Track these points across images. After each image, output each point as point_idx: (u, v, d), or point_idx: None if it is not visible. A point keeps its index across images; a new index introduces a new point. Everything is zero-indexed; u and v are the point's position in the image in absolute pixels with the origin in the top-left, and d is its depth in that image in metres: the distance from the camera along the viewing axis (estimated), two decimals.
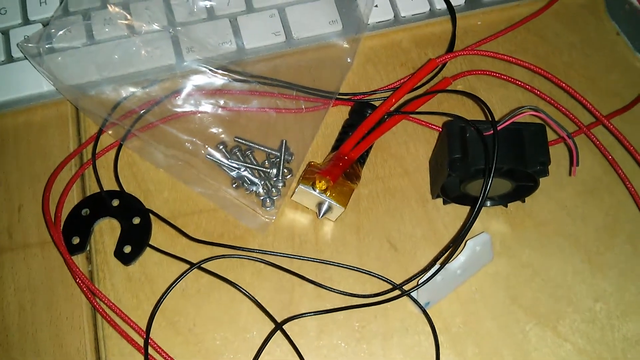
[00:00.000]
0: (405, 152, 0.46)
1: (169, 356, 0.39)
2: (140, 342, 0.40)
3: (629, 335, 0.41)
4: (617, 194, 0.45)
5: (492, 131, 0.39)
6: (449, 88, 0.46)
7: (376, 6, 0.50)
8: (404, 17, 0.50)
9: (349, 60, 0.48)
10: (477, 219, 0.42)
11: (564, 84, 0.43)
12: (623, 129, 0.44)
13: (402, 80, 0.48)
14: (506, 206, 0.44)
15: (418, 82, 0.45)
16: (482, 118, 0.47)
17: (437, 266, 0.40)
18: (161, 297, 0.40)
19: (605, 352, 0.41)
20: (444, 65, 0.48)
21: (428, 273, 0.40)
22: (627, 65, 0.51)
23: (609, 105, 0.48)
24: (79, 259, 0.42)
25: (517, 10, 0.52)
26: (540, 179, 0.41)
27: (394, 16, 0.50)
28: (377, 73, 0.49)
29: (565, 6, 0.53)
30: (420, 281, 0.40)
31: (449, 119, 0.42)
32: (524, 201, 0.44)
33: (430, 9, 0.50)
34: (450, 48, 0.49)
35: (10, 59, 0.46)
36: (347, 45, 0.48)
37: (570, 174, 0.44)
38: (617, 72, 0.50)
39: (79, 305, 0.41)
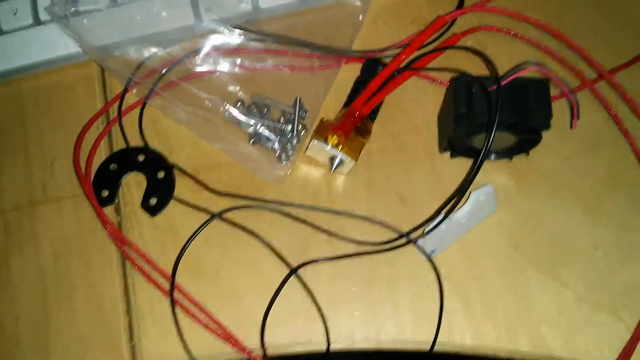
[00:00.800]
0: (415, 107, 0.48)
1: (193, 299, 0.43)
2: (167, 287, 0.43)
3: (627, 281, 0.44)
4: (619, 147, 0.46)
5: (495, 86, 0.41)
6: (457, 44, 0.47)
7: None
8: None
9: (360, 18, 0.50)
10: (482, 171, 0.44)
11: (567, 39, 0.45)
12: (630, 83, 0.45)
13: (411, 37, 0.49)
14: (511, 159, 0.46)
15: (427, 39, 0.47)
16: (489, 74, 0.48)
17: (441, 215, 0.42)
18: (185, 245, 0.44)
19: (604, 297, 0.43)
20: (453, 21, 0.49)
21: (433, 222, 0.42)
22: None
23: (618, 60, 0.48)
24: (108, 211, 0.46)
25: None
26: (544, 133, 0.43)
27: None
28: (388, 30, 0.50)
29: None
30: (426, 230, 0.42)
31: (456, 75, 0.44)
32: (528, 154, 0.46)
33: None
34: (460, 4, 0.50)
35: (38, 22, 0.49)
36: (359, 3, 0.50)
37: (571, 127, 0.45)
38: (629, 27, 0.51)
39: (110, 253, 0.45)
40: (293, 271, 0.43)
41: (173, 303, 0.42)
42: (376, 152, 0.47)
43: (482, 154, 0.39)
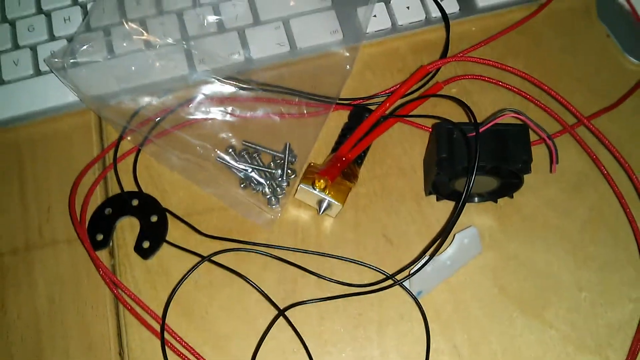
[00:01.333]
0: (401, 152, 0.49)
1: (183, 340, 0.43)
2: (158, 328, 0.44)
3: (612, 323, 0.44)
4: (601, 190, 0.48)
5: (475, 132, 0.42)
6: (441, 92, 0.49)
7: (375, 16, 0.53)
8: (401, 25, 0.53)
9: (348, 68, 0.52)
10: (468, 214, 0.46)
11: (546, 87, 0.46)
12: (609, 127, 0.47)
13: (395, 86, 0.51)
14: (496, 202, 0.47)
15: (410, 87, 0.49)
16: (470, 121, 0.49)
17: (426, 257, 0.43)
18: (175, 287, 0.45)
19: (589, 339, 0.44)
20: (437, 70, 0.51)
21: (418, 264, 0.43)
22: (617, 66, 0.53)
23: (598, 105, 0.50)
24: (102, 254, 0.47)
25: (510, 16, 0.55)
26: (528, 177, 0.44)
27: (392, 25, 0.53)
28: (375, 79, 0.52)
29: (557, 10, 0.55)
30: (412, 271, 0.43)
31: (438, 122, 0.45)
32: (512, 197, 0.47)
33: (426, 17, 0.53)
34: (444, 54, 0.52)
35: (38, 72, 0.51)
36: (347, 54, 0.52)
37: (551, 172, 0.46)
38: (607, 72, 0.53)
39: (103, 296, 0.46)
40: (281, 312, 0.44)
41: (164, 345, 0.43)
42: (364, 196, 0.48)
43: (463, 197, 0.40)
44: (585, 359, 0.43)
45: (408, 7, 0.53)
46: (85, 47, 0.50)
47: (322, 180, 0.45)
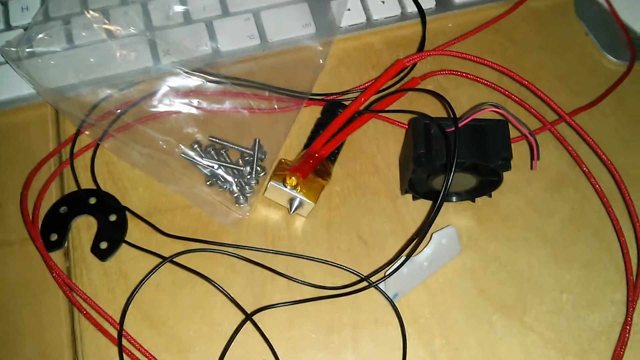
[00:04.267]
0: (376, 149, 0.47)
1: (143, 347, 0.40)
2: (115, 334, 0.41)
3: (594, 326, 0.42)
4: (582, 188, 0.46)
5: (454, 127, 0.40)
6: (417, 87, 0.47)
7: (349, 10, 0.51)
8: (376, 20, 0.51)
9: (321, 62, 0.50)
10: (445, 213, 0.44)
11: (526, 82, 0.45)
12: (589, 126, 0.45)
13: (371, 81, 0.49)
14: (474, 201, 0.46)
15: (386, 81, 0.47)
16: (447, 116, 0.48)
17: (402, 258, 0.41)
18: (134, 290, 0.42)
19: (571, 342, 0.42)
20: (414, 65, 0.50)
21: (394, 265, 0.41)
22: (595, 64, 0.52)
23: (577, 103, 0.49)
24: (57, 256, 0.43)
25: (487, 13, 0.53)
26: (508, 175, 0.42)
27: (366, 19, 0.51)
28: (349, 74, 0.50)
29: (534, 8, 0.54)
30: (387, 273, 0.41)
31: (414, 117, 0.43)
32: (490, 196, 0.45)
33: (401, 12, 0.52)
34: (420, 49, 0.50)
35: None
36: (320, 48, 0.50)
37: (532, 168, 0.45)
38: (586, 71, 0.52)
39: (57, 300, 0.42)
40: (248, 317, 0.41)
41: (121, 352, 0.40)
42: (337, 194, 0.46)
43: (441, 195, 0.38)
44: None
45: (383, 2, 0.51)
46: (42, 36, 0.47)
47: (293, 178, 0.42)
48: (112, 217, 0.44)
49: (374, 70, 0.51)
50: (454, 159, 0.38)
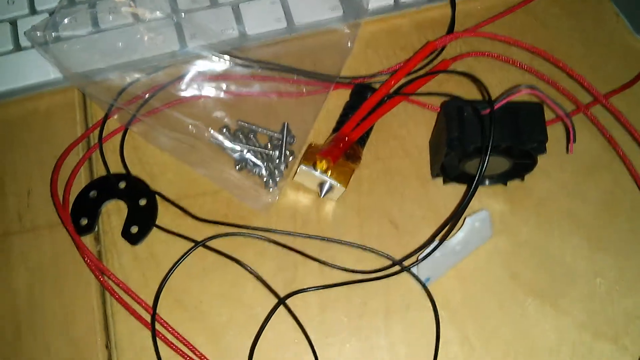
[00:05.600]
0: (406, 133, 0.47)
1: (176, 332, 0.40)
2: (148, 319, 0.41)
3: (629, 309, 0.42)
4: (616, 172, 0.46)
5: (489, 110, 0.40)
6: (449, 69, 0.47)
7: None
8: (404, 2, 0.51)
9: (349, 45, 0.49)
10: (477, 197, 0.43)
11: (561, 64, 0.44)
12: (622, 108, 0.45)
13: (401, 63, 0.48)
14: (506, 184, 0.45)
15: (416, 64, 0.46)
16: (480, 98, 0.47)
17: (436, 242, 0.40)
18: (167, 275, 0.41)
19: (605, 327, 0.41)
20: (443, 48, 0.49)
21: (427, 249, 0.41)
22: (627, 47, 0.51)
23: (608, 85, 0.48)
24: (87, 240, 0.43)
25: None
26: (539, 158, 0.42)
27: (394, 1, 0.50)
28: (377, 57, 0.50)
29: None
30: (420, 257, 0.41)
31: (447, 99, 0.43)
32: (523, 179, 0.45)
33: None
34: (450, 31, 0.50)
35: (18, 47, 0.47)
36: (347, 30, 0.49)
37: (567, 152, 0.44)
38: (617, 53, 0.51)
39: (88, 285, 0.42)
40: (281, 301, 0.41)
41: (155, 336, 0.40)
42: (367, 178, 0.45)
43: (476, 178, 0.38)
44: (602, 348, 0.41)
45: None
46: (68, 20, 0.47)
47: (324, 161, 0.42)
48: (142, 202, 0.44)
49: (402, 53, 0.50)
50: (490, 143, 0.38)
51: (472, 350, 0.41)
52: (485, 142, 0.38)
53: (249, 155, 0.45)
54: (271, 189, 0.44)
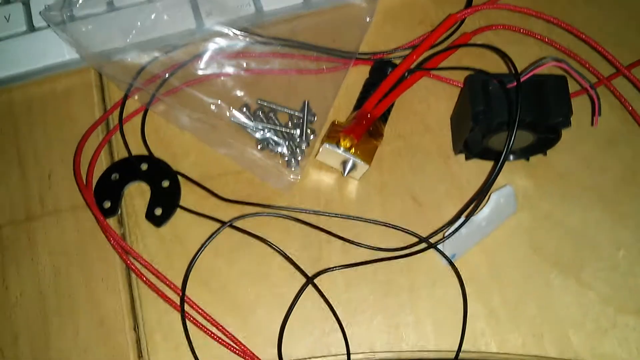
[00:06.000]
0: (427, 109, 0.47)
1: (205, 312, 0.40)
2: (176, 300, 0.41)
3: None
4: (637, 144, 0.46)
5: (514, 83, 0.39)
6: (471, 42, 0.46)
7: None
8: None
9: (367, 20, 0.48)
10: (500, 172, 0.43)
11: (583, 35, 0.44)
12: None
13: (421, 37, 0.48)
14: (528, 159, 0.45)
15: (438, 38, 0.46)
16: (502, 72, 0.47)
17: (462, 219, 0.41)
18: (196, 254, 0.42)
19: (628, 299, 0.42)
20: (462, 22, 0.48)
21: (454, 226, 0.41)
22: None
23: (629, 58, 0.48)
24: (110, 223, 0.43)
25: None
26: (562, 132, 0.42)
27: None
28: (396, 32, 0.49)
29: None
30: (447, 234, 0.41)
31: (471, 73, 0.42)
32: (545, 154, 0.45)
33: None
34: (469, 4, 0.49)
35: (32, 28, 0.47)
36: (365, 5, 0.49)
37: (592, 124, 0.44)
38: (636, 24, 0.50)
39: (114, 266, 0.42)
40: (310, 280, 0.41)
41: (184, 317, 0.40)
42: (388, 156, 0.45)
43: (504, 153, 0.37)
44: (626, 320, 0.41)
45: None
46: None
47: (347, 139, 0.42)
48: (165, 183, 0.44)
49: (421, 26, 0.49)
50: (517, 117, 0.38)
51: (498, 325, 0.41)
52: (513, 116, 0.38)
53: (270, 135, 0.45)
54: (293, 168, 0.44)
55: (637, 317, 0.41)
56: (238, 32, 0.46)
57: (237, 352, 0.40)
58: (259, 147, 0.45)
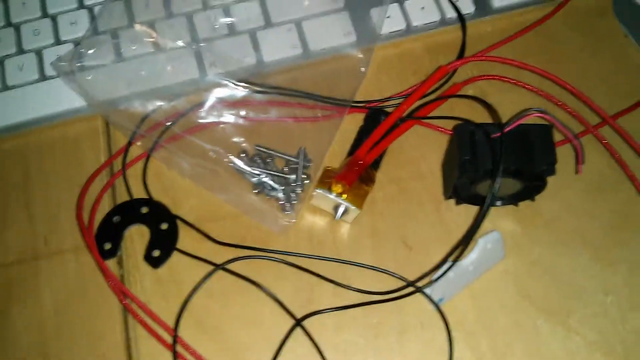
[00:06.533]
0: (419, 155, 0.48)
1: (197, 353, 0.42)
2: (169, 340, 0.42)
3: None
4: (625, 191, 0.46)
5: (499, 133, 0.41)
6: (459, 93, 0.48)
7: (389, 17, 0.52)
8: (416, 26, 0.52)
9: (363, 70, 0.50)
10: (488, 217, 0.44)
11: (569, 86, 0.45)
12: (632, 128, 0.46)
13: (413, 87, 0.49)
14: (517, 205, 0.46)
15: (429, 88, 0.47)
16: (491, 121, 0.48)
17: (449, 263, 0.41)
18: (188, 296, 0.43)
19: (617, 345, 0.42)
20: (454, 71, 0.50)
21: (440, 270, 0.42)
22: (636, 66, 0.52)
23: (618, 105, 0.49)
24: (110, 264, 0.45)
25: (526, 16, 0.53)
26: (550, 179, 0.43)
27: (406, 26, 0.52)
28: (390, 81, 0.51)
29: (574, 10, 0.54)
30: (433, 278, 0.42)
31: (459, 123, 0.44)
32: (533, 200, 0.46)
33: (441, 18, 0.52)
34: (461, 55, 0.51)
35: (44, 77, 0.49)
36: (361, 55, 0.50)
37: (576, 172, 0.45)
38: (626, 72, 0.51)
39: (112, 307, 0.44)
40: (298, 322, 0.42)
41: (176, 358, 0.41)
42: (381, 200, 0.47)
43: (488, 200, 0.39)
44: None
45: (423, 8, 0.52)
46: (92, 50, 0.49)
47: (339, 185, 0.43)
48: (164, 226, 0.45)
49: (415, 76, 0.51)
50: (500, 165, 0.39)
51: None
52: (495, 165, 0.39)
53: (266, 180, 0.46)
54: (288, 212, 0.46)
55: None
56: (239, 82, 0.49)
57: None
58: (255, 191, 0.46)
